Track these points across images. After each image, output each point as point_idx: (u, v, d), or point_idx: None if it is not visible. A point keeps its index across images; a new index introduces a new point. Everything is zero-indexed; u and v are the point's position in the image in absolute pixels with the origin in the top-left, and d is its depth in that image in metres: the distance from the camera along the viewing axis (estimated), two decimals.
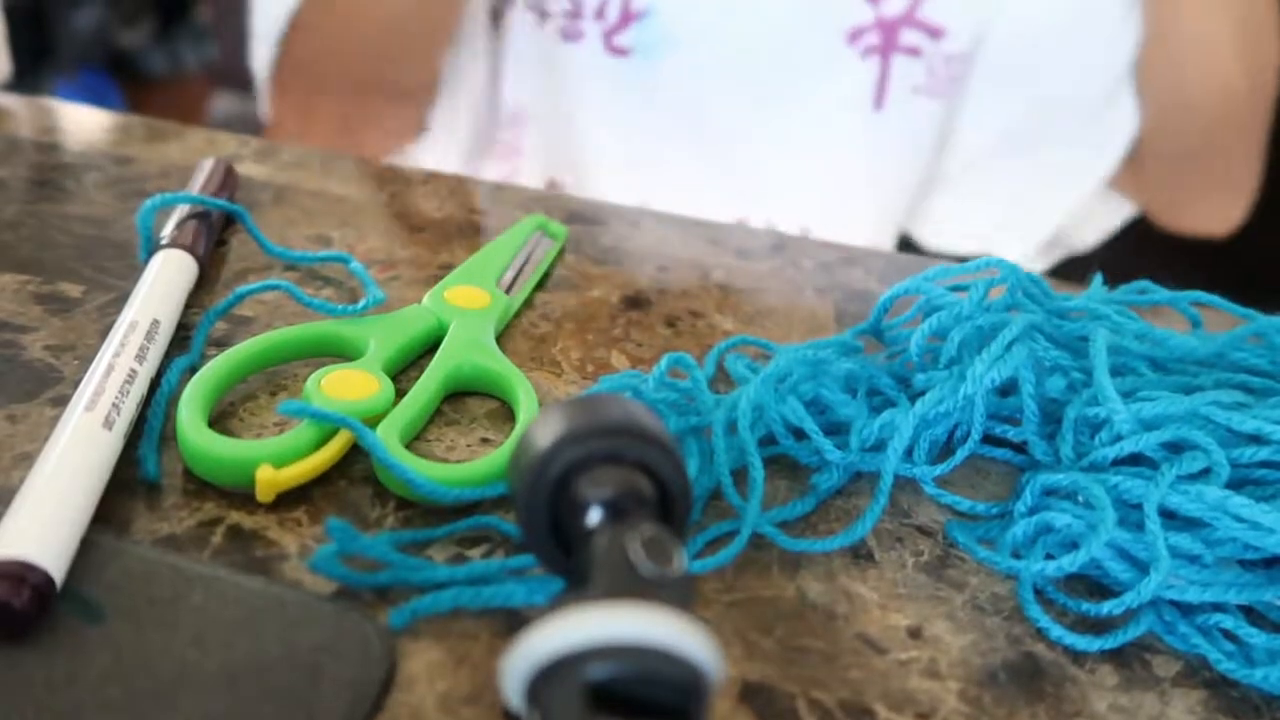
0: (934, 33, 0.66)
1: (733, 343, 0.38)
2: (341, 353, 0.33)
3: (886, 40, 0.67)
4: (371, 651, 0.24)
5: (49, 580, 0.24)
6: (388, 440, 0.29)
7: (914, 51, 0.67)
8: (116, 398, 0.29)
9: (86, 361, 0.33)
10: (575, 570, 0.22)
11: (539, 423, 0.24)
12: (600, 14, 0.68)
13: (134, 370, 0.30)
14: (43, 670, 0.23)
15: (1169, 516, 0.28)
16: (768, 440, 0.32)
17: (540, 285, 0.42)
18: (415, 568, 0.26)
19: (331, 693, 0.23)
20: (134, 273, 0.39)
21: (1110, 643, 0.27)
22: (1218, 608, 0.28)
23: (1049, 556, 0.29)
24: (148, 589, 0.25)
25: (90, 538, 0.26)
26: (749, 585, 0.28)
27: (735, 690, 0.25)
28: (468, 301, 0.37)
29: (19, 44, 1.78)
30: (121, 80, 1.90)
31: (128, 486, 0.28)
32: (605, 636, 0.18)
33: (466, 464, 0.29)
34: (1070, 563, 0.28)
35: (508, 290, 0.40)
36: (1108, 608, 0.28)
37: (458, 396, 0.34)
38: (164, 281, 0.35)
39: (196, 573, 0.25)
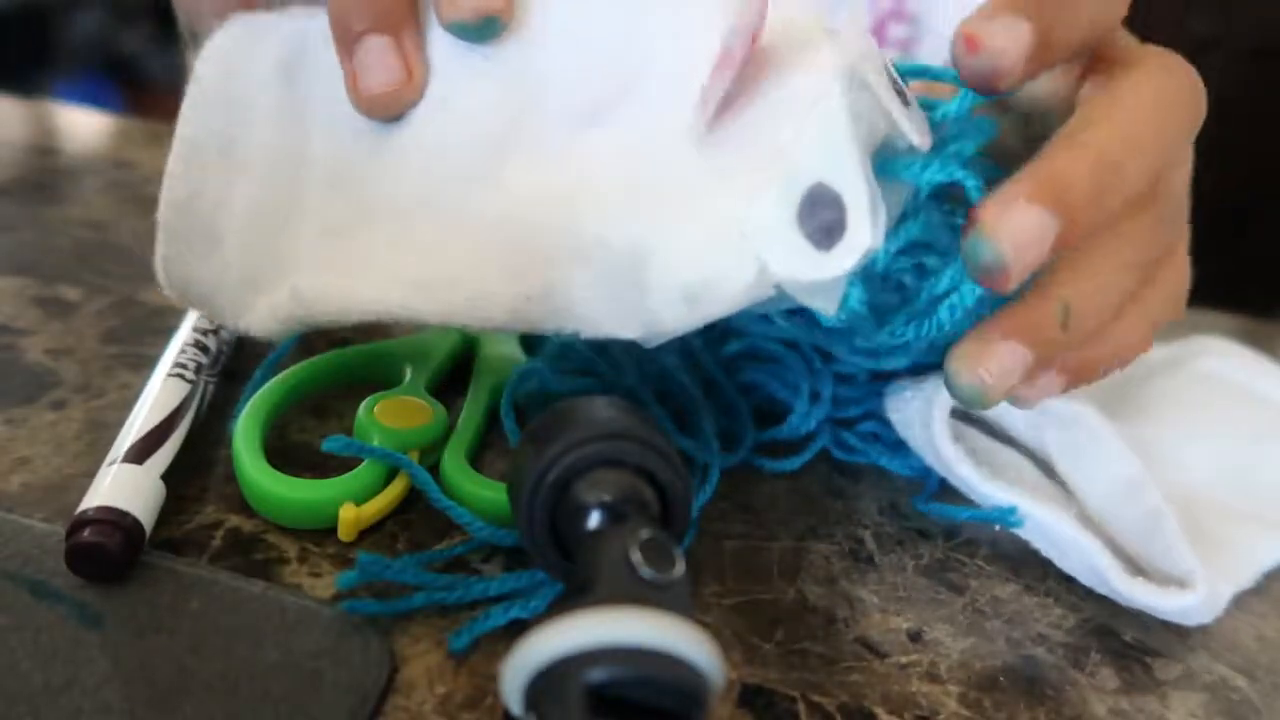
0: (912, 20, 0.66)
1: None
2: (378, 379, 0.33)
3: (876, 38, 0.67)
4: (371, 656, 0.24)
5: (139, 526, 0.25)
6: (458, 469, 0.29)
7: (902, 46, 0.67)
8: (196, 362, 0.31)
9: (85, 365, 0.33)
10: (575, 574, 0.22)
11: (539, 426, 0.24)
12: None
13: (207, 339, 0.33)
14: (41, 675, 0.23)
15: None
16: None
17: None
18: (448, 586, 0.26)
19: (331, 698, 0.23)
20: (134, 276, 0.39)
21: (797, 462, 0.33)
22: (868, 416, 0.34)
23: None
24: (146, 593, 0.25)
25: None
26: (749, 589, 0.28)
27: (735, 694, 0.25)
28: None
29: (19, 47, 1.78)
30: (121, 83, 1.90)
31: None
32: (605, 640, 0.18)
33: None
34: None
35: None
36: (785, 430, 0.33)
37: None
38: None
39: (195, 577, 0.25)
